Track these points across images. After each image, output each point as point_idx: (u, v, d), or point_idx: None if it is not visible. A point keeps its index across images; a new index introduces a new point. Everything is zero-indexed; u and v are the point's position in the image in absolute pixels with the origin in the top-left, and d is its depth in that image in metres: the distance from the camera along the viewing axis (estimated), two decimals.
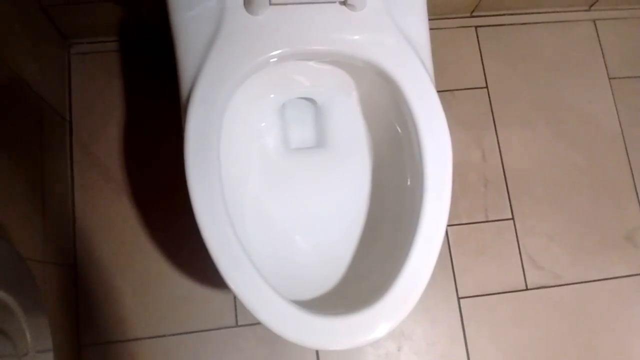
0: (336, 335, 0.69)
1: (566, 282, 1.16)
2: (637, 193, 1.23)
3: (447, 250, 1.14)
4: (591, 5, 1.33)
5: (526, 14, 1.31)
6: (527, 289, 1.14)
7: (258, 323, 0.68)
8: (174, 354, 1.03)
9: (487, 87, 1.25)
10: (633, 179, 1.24)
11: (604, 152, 1.25)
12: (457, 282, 1.13)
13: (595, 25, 1.33)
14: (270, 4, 0.76)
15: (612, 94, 1.29)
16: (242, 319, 1.05)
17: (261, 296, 0.68)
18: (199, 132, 0.72)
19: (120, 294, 1.05)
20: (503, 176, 1.20)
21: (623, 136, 1.26)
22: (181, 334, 1.04)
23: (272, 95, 0.91)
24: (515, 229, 1.17)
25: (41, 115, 0.98)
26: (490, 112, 1.24)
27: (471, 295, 1.13)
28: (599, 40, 1.32)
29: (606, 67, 1.31)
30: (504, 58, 1.28)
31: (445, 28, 1.27)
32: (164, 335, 1.04)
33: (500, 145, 1.22)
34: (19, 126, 0.89)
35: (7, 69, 0.86)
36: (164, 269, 1.06)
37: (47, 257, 0.92)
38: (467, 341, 1.10)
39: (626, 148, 1.26)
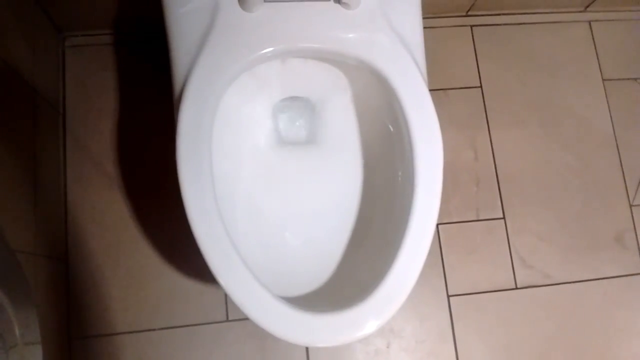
0: (325, 332, 0.69)
1: (555, 282, 1.17)
2: (627, 195, 1.24)
3: (438, 249, 1.15)
4: (587, 7, 1.33)
5: (522, 14, 1.31)
6: (516, 288, 1.15)
7: (248, 318, 0.68)
8: (164, 348, 1.03)
9: (481, 86, 1.25)
10: (624, 181, 1.25)
11: (596, 154, 1.25)
12: (447, 280, 1.14)
13: (590, 26, 1.34)
14: (265, 0, 0.76)
15: (606, 96, 1.30)
16: (232, 314, 1.06)
17: (250, 292, 0.68)
18: (191, 128, 0.72)
19: (111, 287, 1.05)
20: (495, 176, 1.20)
21: (615, 138, 1.27)
22: (171, 328, 1.04)
23: (265, 92, 0.91)
24: (506, 228, 1.18)
25: (34, 108, 0.98)
26: (484, 112, 1.24)
27: (461, 293, 1.13)
28: (594, 42, 1.33)
29: (600, 69, 1.31)
30: (498, 58, 1.28)
31: (440, 27, 1.28)
32: (154, 329, 1.04)
33: (493, 144, 1.22)
34: (12, 118, 0.88)
35: (0, 60, 0.85)
36: (156, 263, 1.06)
37: (38, 249, 0.92)
38: (456, 339, 1.11)
39: (618, 150, 1.26)
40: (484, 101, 1.25)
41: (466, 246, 1.16)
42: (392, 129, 0.84)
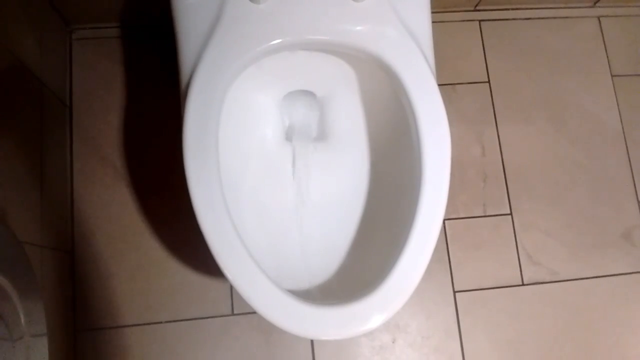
0: (330, 325, 0.69)
1: (562, 279, 1.16)
2: (636, 191, 1.23)
3: (445, 244, 1.14)
4: (596, 2, 1.32)
5: (530, 9, 1.30)
6: (523, 285, 1.15)
7: (254, 312, 0.68)
8: (170, 341, 1.04)
9: (489, 81, 1.25)
10: (632, 178, 1.24)
11: (605, 150, 1.24)
12: (454, 276, 1.13)
13: (599, 22, 1.33)
14: None
15: (614, 92, 1.29)
16: (238, 308, 1.06)
17: (256, 285, 0.68)
18: (197, 121, 0.72)
19: (117, 280, 1.05)
20: (502, 171, 1.20)
21: (624, 134, 1.26)
22: (177, 321, 1.04)
23: (272, 86, 0.91)
24: (513, 225, 1.17)
25: (41, 100, 0.98)
26: (492, 107, 1.23)
27: (467, 289, 1.13)
28: (603, 38, 1.32)
29: (609, 65, 1.30)
30: (506, 53, 1.27)
31: (448, 21, 1.27)
32: (159, 322, 1.04)
33: (501, 140, 1.21)
34: (19, 110, 0.88)
35: (8, 53, 0.86)
36: (161, 256, 1.06)
37: (45, 241, 0.93)
38: (462, 335, 1.11)
39: (627, 146, 1.25)
40: (491, 96, 1.24)
41: (473, 242, 1.15)
42: (399, 124, 0.84)
